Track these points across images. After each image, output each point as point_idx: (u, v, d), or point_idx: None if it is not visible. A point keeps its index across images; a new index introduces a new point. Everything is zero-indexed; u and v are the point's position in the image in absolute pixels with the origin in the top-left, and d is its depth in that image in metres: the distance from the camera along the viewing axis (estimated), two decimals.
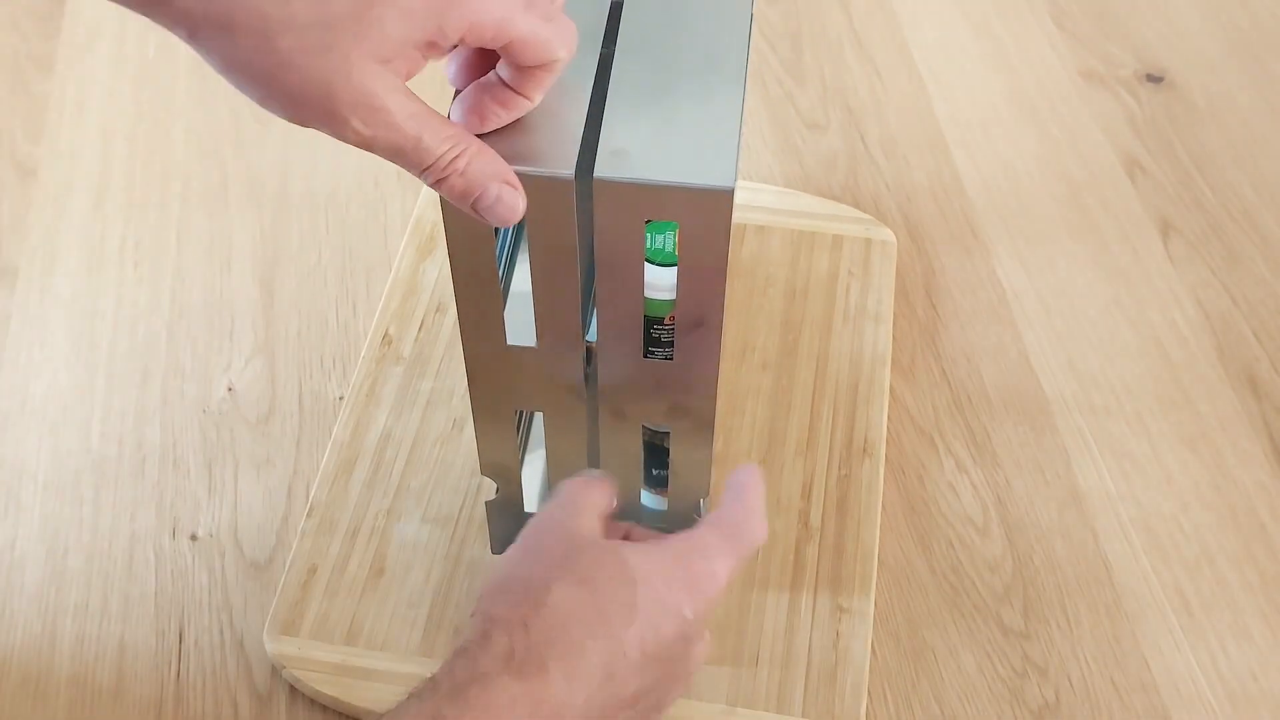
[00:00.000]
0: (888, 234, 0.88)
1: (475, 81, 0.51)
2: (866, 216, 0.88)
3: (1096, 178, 0.94)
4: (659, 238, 0.58)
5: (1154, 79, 1.01)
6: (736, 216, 0.86)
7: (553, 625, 0.52)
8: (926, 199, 0.93)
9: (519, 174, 0.50)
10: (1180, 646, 0.72)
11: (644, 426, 0.72)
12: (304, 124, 0.47)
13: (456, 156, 0.47)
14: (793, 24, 1.05)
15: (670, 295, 0.57)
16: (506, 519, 0.70)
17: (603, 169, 0.51)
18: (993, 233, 0.91)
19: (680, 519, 0.67)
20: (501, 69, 0.50)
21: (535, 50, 0.48)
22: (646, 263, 0.56)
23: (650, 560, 0.55)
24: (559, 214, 0.52)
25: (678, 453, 0.64)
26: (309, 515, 0.75)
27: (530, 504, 0.71)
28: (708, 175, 0.51)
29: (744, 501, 0.59)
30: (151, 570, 0.74)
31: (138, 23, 1.04)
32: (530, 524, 0.58)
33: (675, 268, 0.55)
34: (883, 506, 0.77)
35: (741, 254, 0.87)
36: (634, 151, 0.51)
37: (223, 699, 0.70)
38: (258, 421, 0.81)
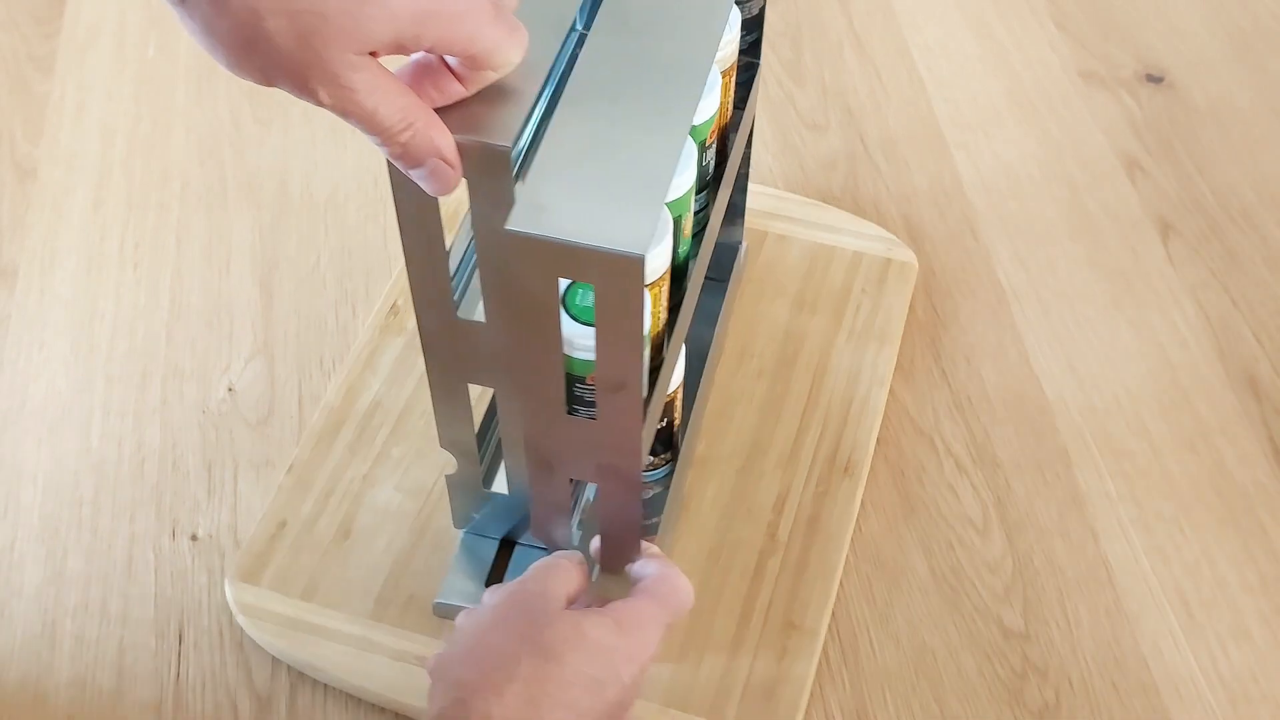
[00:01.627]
0: (909, 255, 0.87)
1: (415, 62, 0.53)
2: (890, 236, 0.87)
3: (1096, 178, 0.94)
4: (588, 294, 0.57)
5: (1154, 79, 1.01)
6: (759, 222, 0.89)
7: (524, 697, 0.55)
8: (926, 200, 0.93)
9: (459, 141, 0.52)
10: (1180, 647, 0.72)
11: None
12: (268, 85, 0.50)
13: (405, 129, 0.50)
14: (793, 24, 1.05)
15: (592, 355, 0.55)
16: (465, 495, 0.71)
17: (517, 221, 0.50)
18: (992, 233, 0.91)
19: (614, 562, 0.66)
20: (449, 58, 0.53)
21: (493, 59, 0.52)
22: (571, 320, 0.56)
23: (603, 633, 0.58)
24: (497, 185, 0.53)
25: (606, 510, 0.62)
26: (289, 472, 0.77)
27: (500, 484, 0.71)
28: (622, 239, 0.49)
29: (668, 567, 0.62)
30: (151, 571, 0.74)
31: (138, 23, 1.05)
32: (501, 593, 0.61)
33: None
34: (883, 507, 0.77)
35: (757, 261, 0.87)
36: (552, 206, 0.50)
37: (222, 700, 0.70)
38: (257, 422, 0.81)
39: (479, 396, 0.67)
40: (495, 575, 0.72)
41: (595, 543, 0.65)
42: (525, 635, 0.57)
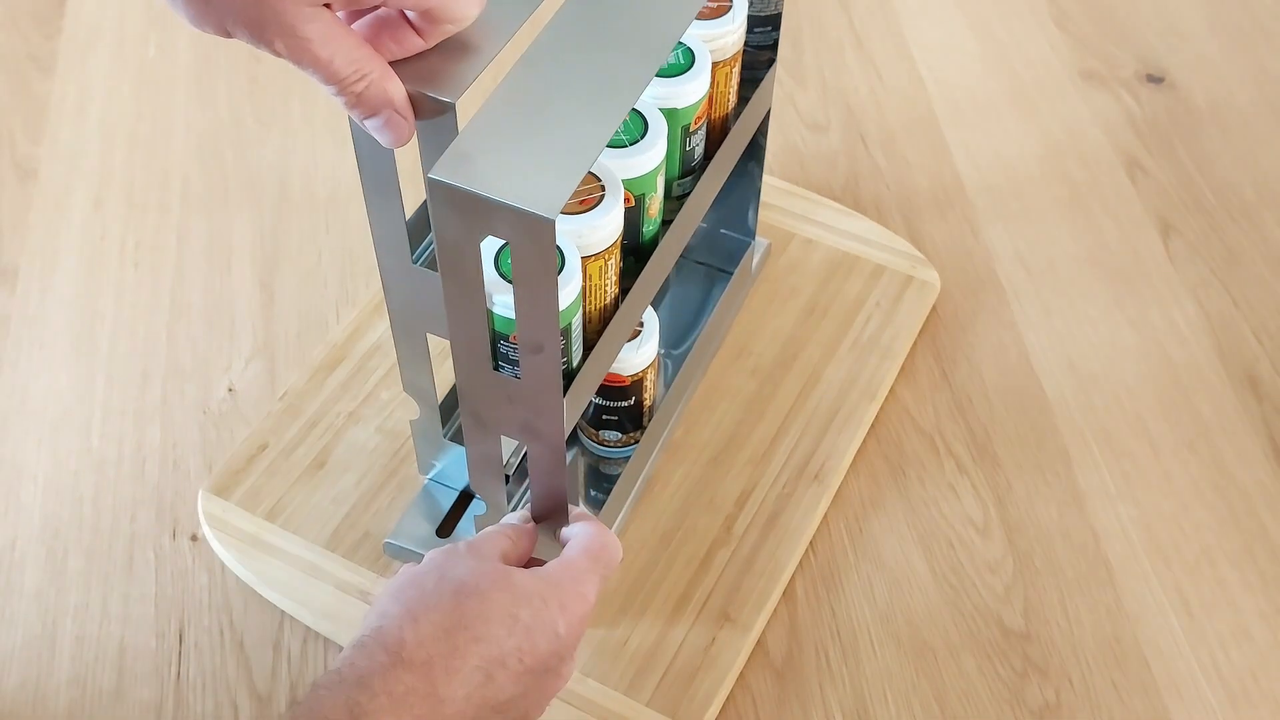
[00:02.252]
0: (932, 275, 0.86)
1: (374, 14, 0.54)
2: (917, 254, 0.87)
3: (1097, 178, 0.94)
4: None
5: (1154, 79, 1.01)
6: (788, 224, 0.89)
7: (441, 625, 0.55)
8: (927, 199, 0.93)
9: (410, 92, 0.54)
10: (1180, 647, 0.72)
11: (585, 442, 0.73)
12: (227, 37, 0.51)
13: (359, 79, 0.52)
14: (793, 24, 1.05)
15: (513, 313, 0.56)
16: (427, 442, 0.72)
17: (440, 170, 0.51)
18: (993, 233, 0.91)
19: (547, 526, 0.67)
20: (409, 11, 0.54)
21: (449, 12, 0.53)
22: (500, 277, 0.57)
23: (533, 581, 0.58)
24: (443, 139, 0.54)
25: (535, 472, 0.63)
26: (281, 399, 0.79)
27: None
28: (536, 199, 0.49)
29: (598, 525, 0.63)
30: (151, 571, 0.74)
31: (138, 23, 1.05)
32: (440, 549, 0.61)
33: None
34: (883, 507, 0.77)
35: (779, 260, 0.87)
36: (476, 159, 0.51)
37: (223, 700, 0.70)
38: (258, 422, 0.81)
39: (443, 347, 0.68)
40: (449, 524, 0.74)
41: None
42: (454, 578, 0.57)
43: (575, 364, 0.61)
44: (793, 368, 0.81)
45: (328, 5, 0.51)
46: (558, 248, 0.55)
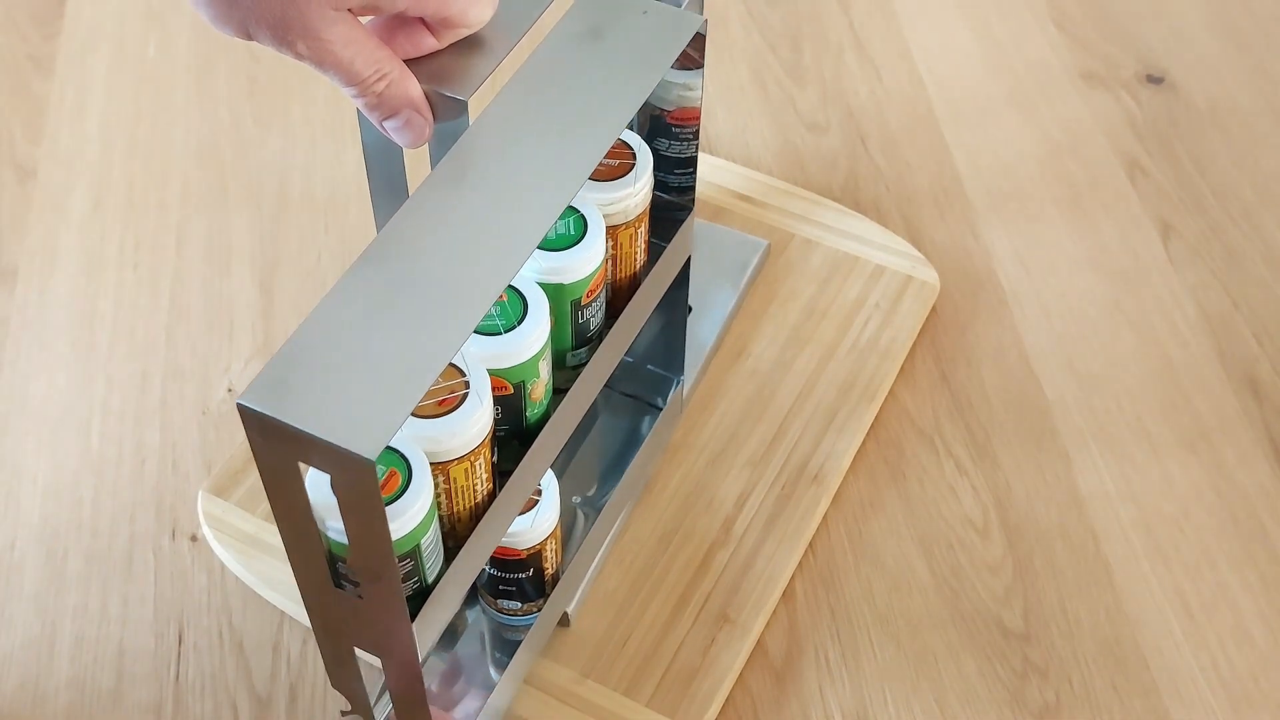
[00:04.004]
0: (931, 275, 0.86)
1: (390, 15, 0.54)
2: (917, 254, 0.86)
3: (1097, 178, 0.94)
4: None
5: (1154, 80, 1.01)
6: (788, 224, 0.88)
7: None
8: (927, 200, 0.93)
9: (424, 90, 0.53)
10: (1181, 649, 0.71)
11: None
12: (247, 39, 0.51)
13: (379, 79, 0.52)
14: (793, 24, 1.05)
15: (344, 538, 0.50)
16: None
17: (252, 395, 0.45)
18: (992, 234, 0.91)
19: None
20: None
21: (464, 19, 0.54)
22: (321, 496, 0.50)
23: None
24: (455, 137, 0.54)
25: (392, 684, 0.56)
26: None
27: None
28: (356, 433, 0.44)
29: None
30: (151, 572, 0.74)
31: (138, 23, 1.04)
32: None
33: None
34: (883, 507, 0.77)
35: (778, 261, 0.86)
36: (298, 380, 0.45)
37: (222, 701, 0.70)
38: None
39: None
40: None
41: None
42: None
43: (430, 580, 0.55)
44: (791, 369, 0.81)
45: (350, 10, 0.51)
46: (403, 459, 0.51)
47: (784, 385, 0.81)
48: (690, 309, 0.81)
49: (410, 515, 0.51)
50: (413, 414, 0.51)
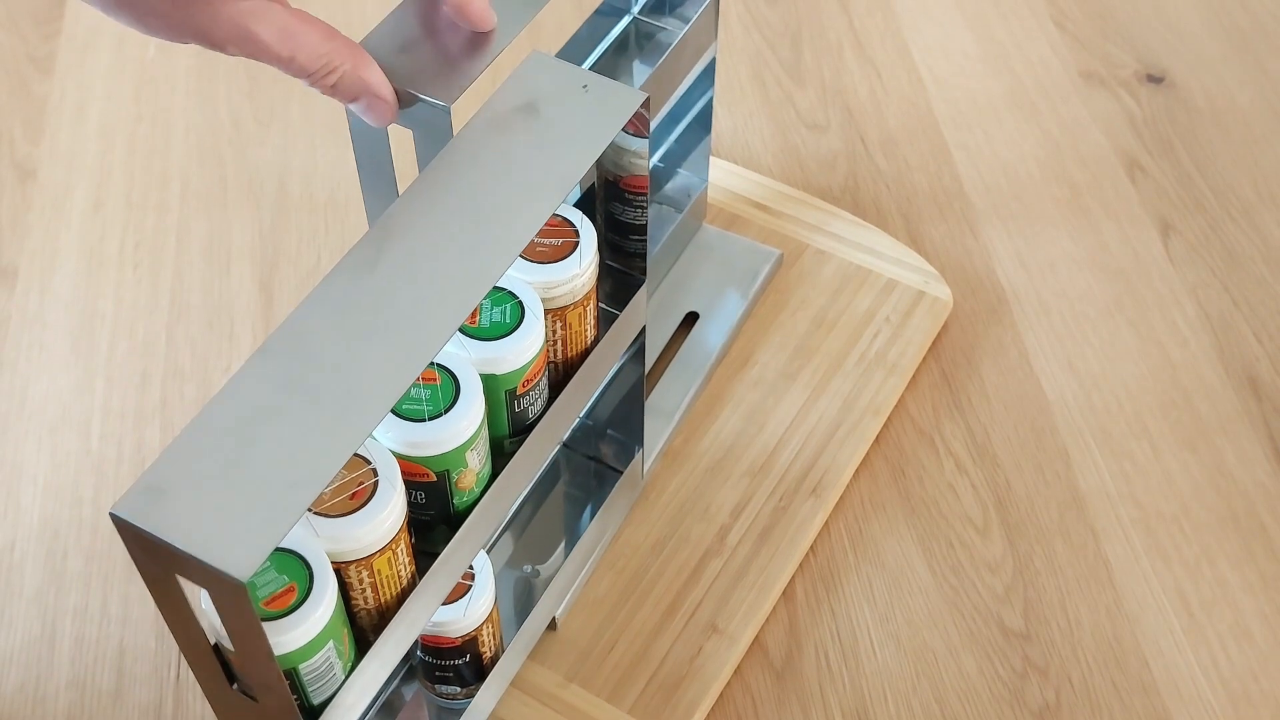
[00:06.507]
0: (945, 291, 0.85)
1: None
2: (930, 269, 0.86)
3: (1096, 178, 0.94)
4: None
5: (1154, 79, 1.01)
6: (802, 234, 0.88)
7: None
8: (926, 200, 0.93)
9: (402, 91, 0.53)
10: (1181, 647, 0.71)
11: None
12: (183, 43, 0.50)
13: (330, 72, 0.51)
14: (793, 24, 1.05)
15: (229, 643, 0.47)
16: None
17: (124, 505, 0.43)
18: (992, 233, 0.91)
19: None
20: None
21: (476, 21, 0.56)
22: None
23: None
24: (438, 140, 0.54)
25: None
26: None
27: None
28: (229, 551, 0.41)
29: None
30: None
31: None
32: None
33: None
34: (883, 507, 0.77)
35: (789, 272, 0.86)
36: (175, 490, 0.43)
37: None
38: None
39: None
40: None
41: None
42: None
43: (334, 690, 0.51)
44: (796, 380, 0.81)
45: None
46: (304, 564, 0.49)
47: (788, 396, 0.80)
48: (697, 315, 0.82)
49: (306, 628, 0.48)
50: (324, 514, 0.49)
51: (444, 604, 0.59)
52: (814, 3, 1.07)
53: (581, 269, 0.58)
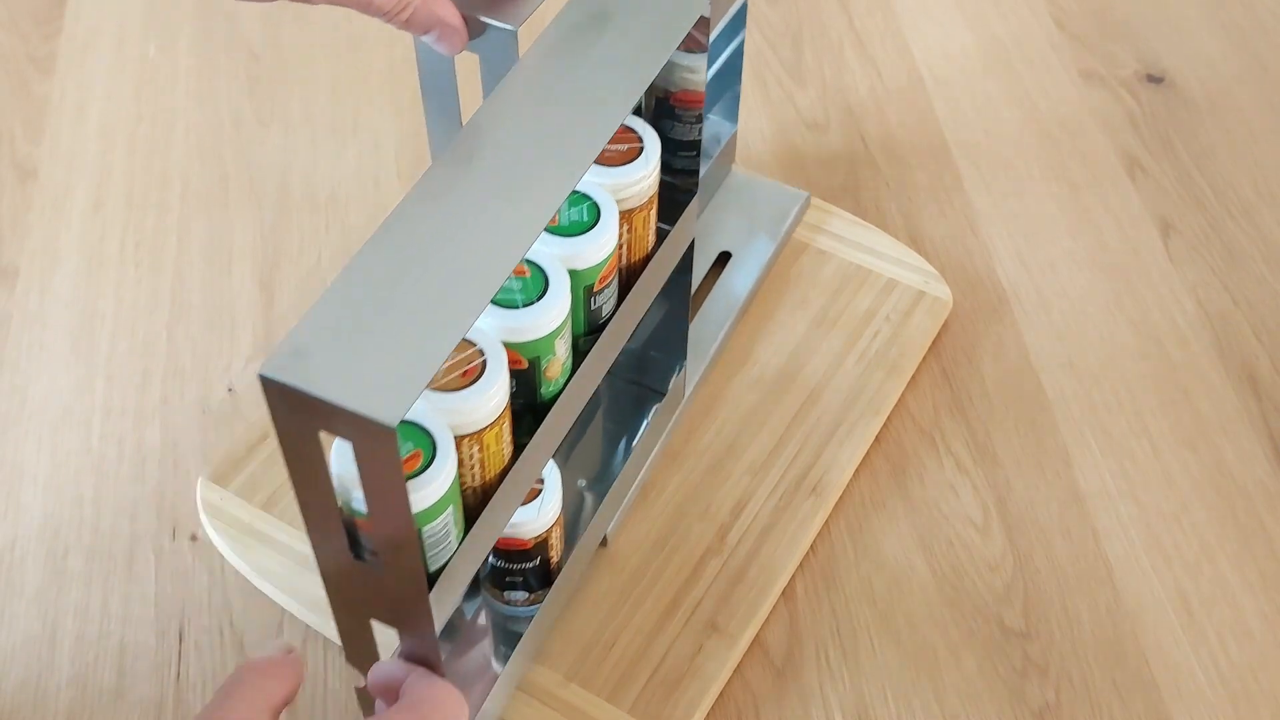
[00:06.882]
0: (945, 292, 0.85)
1: None
2: (931, 270, 0.86)
3: (1097, 177, 0.94)
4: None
5: (1154, 79, 1.01)
6: (803, 234, 0.88)
7: None
8: (927, 199, 0.93)
9: (472, 19, 0.55)
10: (1181, 645, 0.71)
11: None
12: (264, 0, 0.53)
13: (402, 9, 0.54)
14: (793, 24, 1.05)
15: (364, 507, 0.50)
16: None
17: (271, 365, 0.46)
18: (992, 232, 0.91)
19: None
20: None
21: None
22: (344, 466, 0.51)
23: None
24: (504, 64, 0.56)
25: (407, 651, 0.56)
26: None
27: None
28: (378, 400, 0.44)
29: (434, 678, 0.54)
30: (152, 571, 0.74)
31: (138, 23, 1.05)
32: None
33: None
34: (883, 507, 0.77)
35: (790, 271, 0.86)
36: (317, 350, 0.46)
37: None
38: (259, 418, 0.81)
39: None
40: None
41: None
42: None
43: (448, 558, 0.55)
44: (795, 380, 0.81)
45: None
46: (426, 434, 0.52)
47: (788, 394, 0.80)
48: (730, 255, 0.84)
49: (432, 489, 0.51)
50: (439, 389, 0.53)
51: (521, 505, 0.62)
52: (814, 2, 1.07)
53: (648, 171, 0.61)
